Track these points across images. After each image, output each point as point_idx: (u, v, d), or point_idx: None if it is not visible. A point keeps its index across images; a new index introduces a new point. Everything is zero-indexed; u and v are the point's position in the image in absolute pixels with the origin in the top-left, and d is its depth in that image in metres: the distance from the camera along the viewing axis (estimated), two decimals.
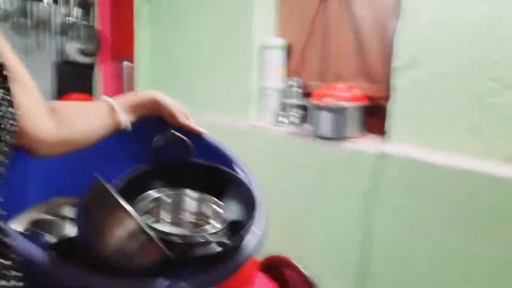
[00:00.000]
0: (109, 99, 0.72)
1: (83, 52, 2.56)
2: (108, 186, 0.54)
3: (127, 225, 0.52)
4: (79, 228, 0.55)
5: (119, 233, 0.52)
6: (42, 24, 2.41)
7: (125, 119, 0.73)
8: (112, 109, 0.72)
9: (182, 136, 0.78)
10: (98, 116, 0.70)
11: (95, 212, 0.54)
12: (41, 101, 0.62)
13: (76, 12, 2.47)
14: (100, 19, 2.60)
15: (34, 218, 0.74)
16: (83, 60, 2.58)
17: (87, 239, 0.53)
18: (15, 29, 2.36)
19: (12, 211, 0.70)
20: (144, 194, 0.71)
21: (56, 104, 0.66)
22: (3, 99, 0.50)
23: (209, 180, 0.76)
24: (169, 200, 0.73)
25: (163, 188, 0.74)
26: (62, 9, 2.43)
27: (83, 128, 0.68)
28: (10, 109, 0.50)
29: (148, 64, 2.46)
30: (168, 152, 0.79)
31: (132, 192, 0.70)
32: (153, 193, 0.72)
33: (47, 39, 2.47)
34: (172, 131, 0.78)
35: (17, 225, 0.72)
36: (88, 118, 0.69)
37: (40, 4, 2.36)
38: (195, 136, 0.81)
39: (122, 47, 2.57)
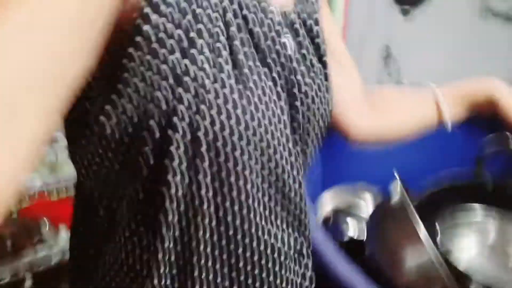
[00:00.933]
0: (434, 88, 0.62)
1: None
2: (408, 202, 0.48)
3: (421, 256, 0.46)
4: (369, 239, 0.52)
5: (412, 261, 0.47)
6: None
7: (449, 115, 0.60)
8: (437, 100, 0.61)
9: None
10: (420, 107, 0.62)
11: (389, 229, 0.49)
12: (360, 88, 0.59)
13: None
14: None
15: (341, 198, 0.77)
16: None
17: (375, 256, 0.50)
18: None
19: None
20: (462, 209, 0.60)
21: (376, 90, 0.63)
22: (322, 83, 0.46)
23: None
24: (492, 225, 0.60)
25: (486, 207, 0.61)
26: None
27: (402, 120, 0.62)
28: (326, 94, 0.47)
29: None
30: (495, 165, 0.64)
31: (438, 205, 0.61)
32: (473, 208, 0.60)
33: None
34: (507, 133, 0.61)
35: (327, 200, 0.77)
36: (410, 109, 0.62)
37: None
38: None
39: None
